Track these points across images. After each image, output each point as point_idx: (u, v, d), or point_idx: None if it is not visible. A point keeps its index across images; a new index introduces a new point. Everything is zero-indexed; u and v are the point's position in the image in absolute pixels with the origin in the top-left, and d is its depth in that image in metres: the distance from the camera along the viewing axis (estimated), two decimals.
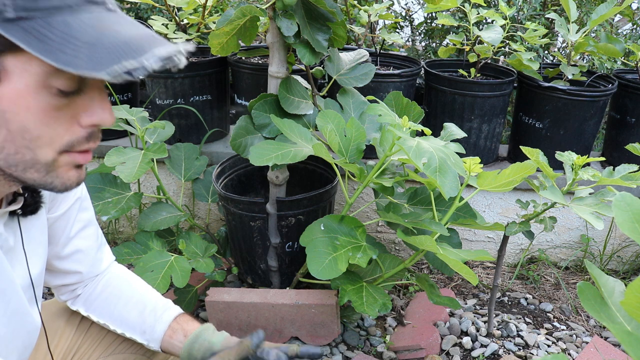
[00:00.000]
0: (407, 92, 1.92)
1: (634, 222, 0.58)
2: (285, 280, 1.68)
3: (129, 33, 0.54)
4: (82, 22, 0.53)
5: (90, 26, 0.53)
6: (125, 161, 1.47)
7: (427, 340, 1.55)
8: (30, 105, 0.56)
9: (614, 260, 2.06)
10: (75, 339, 1.03)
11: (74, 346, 1.03)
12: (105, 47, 0.51)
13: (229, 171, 1.75)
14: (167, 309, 1.00)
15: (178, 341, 0.96)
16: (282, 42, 1.41)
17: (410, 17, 2.93)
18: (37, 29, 0.51)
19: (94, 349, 1.04)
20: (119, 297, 1.02)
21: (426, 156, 1.07)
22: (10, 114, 0.55)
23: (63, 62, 0.50)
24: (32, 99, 0.56)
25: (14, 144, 0.57)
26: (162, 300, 1.02)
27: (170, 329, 0.97)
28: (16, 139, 0.57)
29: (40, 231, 0.83)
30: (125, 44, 0.52)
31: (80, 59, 0.51)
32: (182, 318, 1.00)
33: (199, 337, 0.94)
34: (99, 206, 1.57)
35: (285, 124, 1.37)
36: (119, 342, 1.05)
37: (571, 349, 1.62)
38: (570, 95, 1.80)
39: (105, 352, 1.04)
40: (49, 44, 0.50)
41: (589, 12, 2.44)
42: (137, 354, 1.06)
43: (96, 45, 0.51)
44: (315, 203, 1.56)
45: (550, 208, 1.38)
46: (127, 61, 0.51)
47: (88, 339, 1.04)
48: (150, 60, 0.52)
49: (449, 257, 1.11)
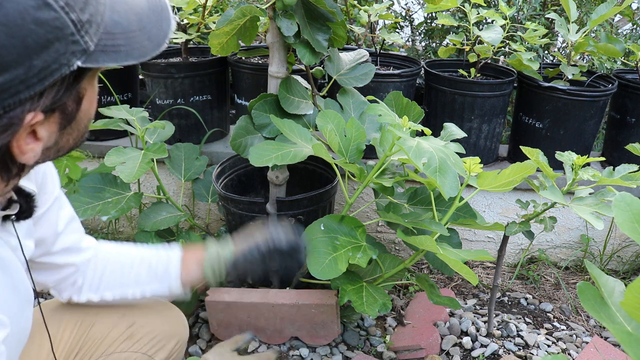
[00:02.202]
0: (407, 92, 1.92)
1: (634, 222, 0.58)
2: (286, 280, 1.68)
3: (143, 0, 0.62)
4: (119, 12, 0.59)
5: (126, 11, 0.60)
6: (125, 161, 1.47)
7: (427, 340, 1.55)
8: (94, 101, 0.66)
9: (614, 260, 2.06)
10: (78, 338, 1.04)
11: (76, 346, 1.03)
12: (147, 22, 0.61)
13: (229, 171, 1.75)
14: (169, 250, 1.06)
15: (194, 270, 1.04)
16: (282, 42, 1.41)
17: (410, 17, 2.93)
18: (107, 44, 0.57)
19: (95, 348, 1.04)
20: (122, 266, 1.04)
21: (426, 156, 1.07)
22: (84, 117, 0.64)
23: (139, 57, 0.60)
24: (95, 95, 0.65)
25: (79, 133, 0.66)
26: (159, 250, 1.07)
27: (184, 267, 1.04)
28: (81, 131, 0.66)
29: (26, 231, 0.83)
30: (151, 10, 0.62)
31: (146, 46, 0.60)
32: (187, 253, 1.06)
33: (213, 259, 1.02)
34: (99, 206, 1.57)
35: (285, 124, 1.37)
36: (120, 341, 1.05)
37: (571, 349, 1.62)
38: (570, 95, 1.80)
39: (108, 351, 1.05)
40: (122, 50, 0.58)
41: (589, 12, 2.44)
42: (139, 353, 1.06)
43: (144, 27, 0.60)
44: (315, 203, 1.56)
45: (550, 208, 1.38)
46: (167, 25, 0.62)
47: (91, 337, 1.05)
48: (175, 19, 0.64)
49: (449, 257, 1.11)
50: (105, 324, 1.06)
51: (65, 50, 0.54)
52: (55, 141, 0.63)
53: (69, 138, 0.65)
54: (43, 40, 0.52)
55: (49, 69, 0.53)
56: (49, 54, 0.53)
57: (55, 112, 0.59)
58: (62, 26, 0.53)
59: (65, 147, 0.66)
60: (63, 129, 0.62)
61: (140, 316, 1.10)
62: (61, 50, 0.53)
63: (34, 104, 0.55)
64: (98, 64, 0.57)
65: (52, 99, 0.56)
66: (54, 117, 0.59)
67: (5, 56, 0.50)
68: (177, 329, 1.14)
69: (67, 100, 0.59)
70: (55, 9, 0.52)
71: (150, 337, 1.08)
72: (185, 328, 1.17)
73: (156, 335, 1.09)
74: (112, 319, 1.07)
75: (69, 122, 0.62)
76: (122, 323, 1.07)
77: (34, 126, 0.57)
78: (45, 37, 0.52)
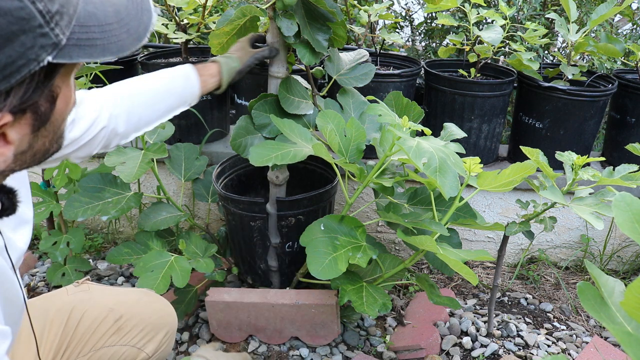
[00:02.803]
0: (407, 92, 1.91)
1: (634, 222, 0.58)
2: (285, 280, 1.68)
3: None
4: (94, 4, 0.55)
5: (101, 2, 0.55)
6: (126, 161, 1.47)
7: (427, 340, 1.55)
8: (70, 99, 0.61)
9: (614, 260, 2.06)
10: (65, 335, 1.04)
11: (64, 343, 1.03)
12: (125, 15, 0.56)
13: (229, 171, 1.75)
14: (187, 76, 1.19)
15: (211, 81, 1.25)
16: (282, 42, 1.41)
17: (410, 17, 2.93)
18: (81, 38, 0.53)
19: (84, 344, 1.05)
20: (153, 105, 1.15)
21: (426, 156, 1.07)
22: (59, 119, 0.60)
23: (117, 52, 0.55)
24: (71, 93, 0.61)
25: (55, 135, 0.62)
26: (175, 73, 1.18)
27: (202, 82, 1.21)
28: (58, 132, 0.62)
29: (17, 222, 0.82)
30: (133, 3, 0.58)
31: (124, 40, 0.56)
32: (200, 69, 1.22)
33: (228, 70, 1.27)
34: (99, 206, 1.57)
35: (285, 124, 1.37)
36: (108, 335, 1.06)
37: (571, 349, 1.62)
38: (570, 95, 1.80)
39: (97, 346, 1.05)
40: (98, 44, 0.54)
41: (589, 12, 2.44)
42: (127, 345, 1.06)
43: (121, 19, 0.56)
44: (315, 203, 1.56)
45: (550, 208, 1.38)
46: (149, 20, 0.59)
47: (78, 333, 1.05)
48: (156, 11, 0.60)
49: (449, 257, 1.11)
50: (92, 319, 1.06)
51: (33, 44, 0.49)
52: (28, 144, 0.58)
53: (44, 141, 0.60)
54: (6, 32, 0.47)
55: (14, 64, 0.48)
56: (14, 48, 0.48)
57: (26, 113, 0.54)
58: (27, 17, 0.48)
59: (41, 151, 0.61)
60: (36, 130, 0.57)
61: (127, 309, 1.10)
62: (28, 44, 0.49)
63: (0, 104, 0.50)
64: (71, 60, 0.52)
65: (20, 99, 0.51)
66: (25, 119, 0.55)
67: None
68: (165, 320, 1.15)
69: (39, 99, 0.54)
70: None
71: (139, 330, 1.09)
72: (174, 318, 1.18)
73: (144, 327, 1.09)
74: (99, 313, 1.07)
75: (42, 123, 0.57)
76: (110, 317, 1.07)
77: (2, 128, 0.53)
78: (9, 29, 0.47)
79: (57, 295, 1.10)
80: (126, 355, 1.07)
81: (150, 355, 1.10)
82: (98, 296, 1.13)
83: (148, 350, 1.09)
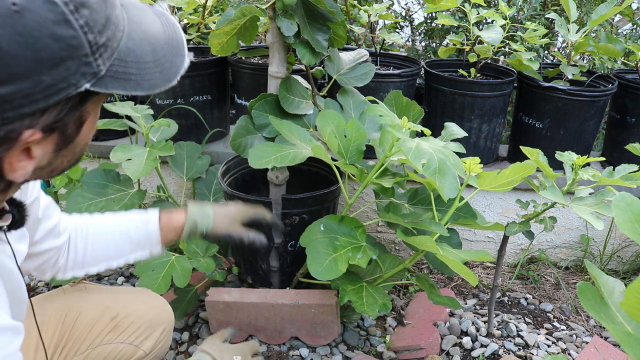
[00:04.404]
0: (407, 92, 1.92)
1: (634, 222, 0.58)
2: (286, 280, 1.68)
3: (156, 28, 0.61)
4: (134, 40, 0.58)
5: (140, 41, 0.59)
6: (131, 158, 1.46)
7: (427, 340, 1.55)
8: (94, 125, 0.64)
9: (614, 260, 2.07)
10: (63, 333, 1.04)
11: (61, 341, 1.04)
12: (162, 56, 0.60)
13: (233, 170, 1.75)
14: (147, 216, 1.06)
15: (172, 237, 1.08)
16: (282, 42, 1.41)
17: (410, 17, 2.93)
18: (119, 71, 0.56)
19: (81, 342, 1.05)
20: (104, 241, 1.04)
21: (425, 157, 1.07)
22: (82, 141, 0.63)
23: (148, 89, 0.58)
24: (96, 120, 0.64)
25: (74, 157, 0.65)
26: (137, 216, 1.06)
27: (162, 235, 1.06)
28: (76, 155, 0.65)
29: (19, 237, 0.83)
30: (167, 44, 0.61)
31: (156, 78, 0.59)
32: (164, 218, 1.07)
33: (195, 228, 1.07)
34: (103, 202, 1.56)
35: (284, 125, 1.37)
36: (105, 333, 1.06)
37: (571, 349, 1.62)
38: (570, 95, 1.80)
39: (94, 344, 1.05)
40: (132, 79, 0.57)
41: (589, 12, 2.44)
42: (124, 343, 1.07)
43: (157, 59, 0.59)
44: (320, 203, 1.56)
45: (550, 208, 1.38)
46: (181, 62, 0.62)
47: (75, 331, 1.05)
48: (189, 57, 0.62)
49: (448, 257, 1.11)
50: (88, 317, 1.07)
51: (77, 71, 0.52)
52: (48, 162, 0.61)
53: (63, 160, 0.63)
54: (56, 56, 0.50)
55: (56, 86, 0.52)
56: (59, 71, 0.51)
57: (54, 132, 0.57)
58: (78, 45, 0.52)
59: (58, 169, 0.64)
60: (59, 150, 0.60)
61: (123, 307, 1.11)
62: (72, 70, 0.52)
63: (34, 120, 0.53)
64: (106, 90, 0.55)
65: (53, 118, 0.54)
66: (52, 137, 0.57)
67: (15, 67, 0.49)
68: (162, 317, 1.15)
69: (69, 121, 0.57)
70: (74, 27, 0.51)
71: (136, 327, 1.09)
72: (170, 316, 1.18)
73: (141, 324, 1.10)
74: (95, 311, 1.08)
75: (66, 144, 0.60)
76: (106, 315, 1.08)
77: (29, 143, 0.55)
78: (59, 54, 0.51)
79: (54, 295, 1.11)
80: (123, 353, 1.07)
81: (148, 353, 1.10)
82: (94, 295, 1.13)
83: (145, 348, 1.09)
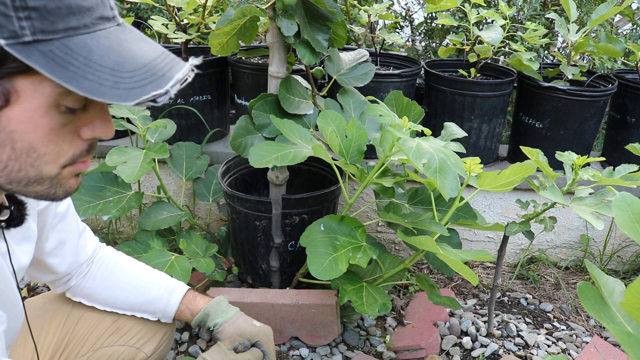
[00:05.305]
0: (407, 92, 1.92)
1: (634, 222, 0.58)
2: (286, 280, 1.68)
3: (146, 55, 0.53)
4: (100, 44, 0.51)
5: (108, 48, 0.52)
6: (127, 160, 1.46)
7: (427, 340, 1.55)
8: (38, 125, 0.55)
9: (614, 260, 2.07)
10: (63, 335, 1.04)
11: (62, 343, 1.04)
12: (129, 73, 0.51)
13: (233, 170, 1.75)
14: (172, 291, 1.07)
15: (186, 317, 1.09)
16: (282, 42, 1.41)
17: (410, 17, 2.93)
18: (57, 54, 0.49)
19: (83, 343, 1.05)
20: (120, 287, 1.06)
21: (426, 157, 1.07)
22: (18, 134, 0.55)
23: (88, 90, 0.49)
24: (41, 119, 0.55)
25: (18, 162, 0.57)
26: (165, 282, 1.08)
27: (179, 310, 1.08)
28: (21, 158, 0.56)
29: (23, 236, 0.83)
30: (147, 69, 0.52)
31: (106, 86, 0.49)
32: (189, 296, 1.09)
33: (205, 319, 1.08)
34: (100, 205, 1.57)
35: (285, 124, 1.37)
36: (107, 335, 1.06)
37: (571, 349, 1.62)
38: (570, 95, 1.80)
39: (95, 346, 1.05)
40: (70, 69, 0.49)
41: (589, 12, 2.44)
42: (126, 346, 1.06)
43: (119, 72, 0.50)
44: (320, 203, 1.56)
45: (550, 208, 1.38)
46: (154, 90, 0.51)
47: (77, 334, 1.05)
48: (174, 87, 0.52)
49: (449, 257, 1.11)
50: (90, 319, 1.07)
51: None
52: None
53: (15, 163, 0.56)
54: None
55: None
56: None
57: None
58: None
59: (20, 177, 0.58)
60: None
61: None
62: None
63: None
64: (28, 59, 0.47)
65: None
66: None
67: None
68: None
69: None
70: None
71: (137, 330, 1.09)
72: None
73: (143, 327, 1.09)
74: (96, 314, 1.08)
75: None
76: (107, 318, 1.08)
77: None
78: None
79: (56, 296, 1.10)
80: (125, 356, 1.07)
81: (149, 355, 1.10)
82: None
83: (147, 350, 1.09)
